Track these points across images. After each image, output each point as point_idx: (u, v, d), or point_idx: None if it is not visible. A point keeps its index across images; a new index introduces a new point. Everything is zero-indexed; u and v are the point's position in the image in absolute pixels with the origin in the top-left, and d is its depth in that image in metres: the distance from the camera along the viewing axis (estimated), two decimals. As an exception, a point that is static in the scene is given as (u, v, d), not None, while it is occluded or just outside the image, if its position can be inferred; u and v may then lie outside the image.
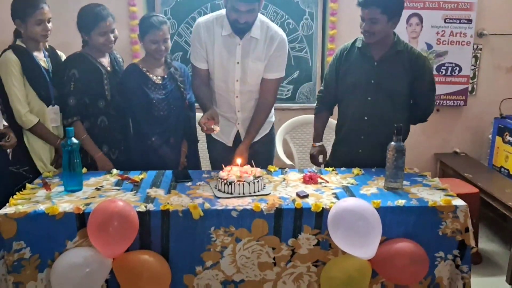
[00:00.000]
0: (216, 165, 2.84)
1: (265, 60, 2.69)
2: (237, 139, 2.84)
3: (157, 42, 2.63)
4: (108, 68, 2.74)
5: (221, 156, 2.80)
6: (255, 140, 2.83)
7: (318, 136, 2.91)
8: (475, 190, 3.38)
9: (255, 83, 2.74)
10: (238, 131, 2.84)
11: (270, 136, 2.96)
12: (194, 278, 2.11)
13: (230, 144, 2.86)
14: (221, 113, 2.76)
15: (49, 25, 2.61)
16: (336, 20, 4.13)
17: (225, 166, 2.37)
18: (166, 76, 2.74)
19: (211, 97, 2.78)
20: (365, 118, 2.67)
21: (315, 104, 2.98)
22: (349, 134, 2.76)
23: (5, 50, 2.59)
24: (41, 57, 2.67)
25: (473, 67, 4.23)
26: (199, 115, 2.67)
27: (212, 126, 2.52)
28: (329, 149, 2.96)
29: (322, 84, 2.93)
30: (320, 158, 2.86)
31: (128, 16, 3.94)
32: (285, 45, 2.73)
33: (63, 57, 2.79)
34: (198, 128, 2.70)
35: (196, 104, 2.90)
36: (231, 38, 2.65)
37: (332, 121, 3.97)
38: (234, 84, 2.70)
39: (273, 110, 2.92)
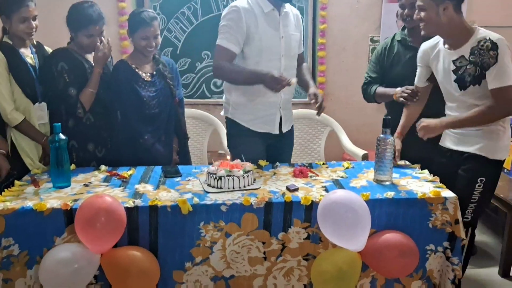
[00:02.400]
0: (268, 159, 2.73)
1: (298, 32, 2.82)
2: (280, 128, 2.81)
3: (148, 38, 2.61)
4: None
5: (262, 147, 2.75)
6: (285, 131, 2.83)
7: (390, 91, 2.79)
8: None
9: (295, 58, 2.83)
10: (281, 116, 2.79)
11: (292, 132, 2.98)
12: (183, 274, 2.10)
13: (276, 131, 2.79)
14: (264, 98, 2.70)
15: (34, 23, 2.57)
16: (326, 15, 4.14)
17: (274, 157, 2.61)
18: (155, 73, 2.72)
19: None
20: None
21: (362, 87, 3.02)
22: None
23: None
24: (27, 54, 2.63)
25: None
26: (188, 110, 2.64)
27: (291, 80, 2.48)
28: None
29: (368, 73, 2.98)
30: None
31: (117, 12, 3.93)
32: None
33: None
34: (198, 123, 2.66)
35: (186, 100, 2.87)
36: (272, 14, 2.66)
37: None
38: (280, 60, 2.69)
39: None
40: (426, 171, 2.45)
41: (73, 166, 2.43)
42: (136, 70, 2.67)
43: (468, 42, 2.32)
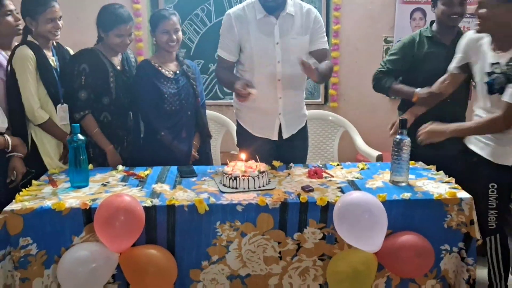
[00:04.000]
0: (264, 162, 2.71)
1: (306, 34, 2.66)
2: (280, 133, 2.77)
3: (168, 32, 2.66)
4: (118, 67, 2.76)
5: (266, 152, 2.69)
6: (294, 133, 2.80)
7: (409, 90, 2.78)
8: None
9: (298, 65, 2.61)
10: (280, 124, 2.75)
11: (305, 131, 2.92)
12: (200, 273, 2.12)
13: (274, 137, 2.78)
14: (260, 105, 2.70)
15: (60, 23, 2.63)
16: (340, 15, 4.13)
17: (272, 161, 2.55)
18: (178, 72, 2.78)
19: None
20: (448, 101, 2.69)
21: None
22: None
23: (17, 46, 2.61)
24: (49, 55, 2.69)
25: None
26: (209, 112, 2.67)
27: (249, 90, 2.44)
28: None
29: (387, 64, 2.95)
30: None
31: (132, 13, 3.90)
32: (321, 20, 2.74)
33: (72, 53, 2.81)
34: (211, 124, 2.69)
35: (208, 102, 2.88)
36: (266, 20, 2.62)
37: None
38: (276, 66, 2.65)
39: (304, 103, 2.89)
40: (441, 172, 2.44)
41: (91, 166, 2.46)
42: (159, 68, 2.73)
43: (510, 51, 2.29)
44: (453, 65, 2.59)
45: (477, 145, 2.46)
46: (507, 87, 2.24)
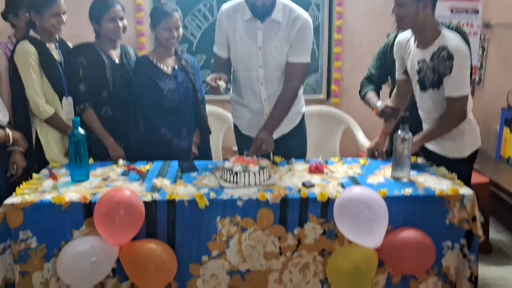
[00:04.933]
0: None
1: (287, 44, 2.57)
2: None
3: (170, 29, 2.65)
4: (116, 61, 2.75)
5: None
6: (285, 132, 2.75)
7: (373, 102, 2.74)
8: (485, 180, 3.36)
9: (280, 70, 2.63)
10: None
11: (301, 128, 2.86)
12: (200, 268, 2.12)
13: None
14: (248, 105, 2.73)
15: (64, 18, 2.65)
16: (342, 11, 4.12)
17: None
18: (177, 68, 2.76)
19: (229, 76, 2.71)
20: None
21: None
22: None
23: (19, 41, 2.61)
24: (53, 48, 2.70)
25: (480, 58, 4.20)
26: (210, 108, 2.66)
27: (218, 82, 2.43)
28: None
29: (370, 69, 2.95)
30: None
31: (134, 8, 3.95)
32: (308, 28, 2.58)
33: None
34: (212, 120, 2.67)
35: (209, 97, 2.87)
36: (252, 23, 2.57)
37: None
38: (258, 71, 2.62)
39: (303, 100, 2.83)
40: (443, 168, 2.43)
41: (91, 161, 2.46)
42: (157, 64, 2.71)
43: (432, 45, 2.34)
44: (396, 73, 2.61)
45: (432, 143, 2.51)
46: (444, 83, 2.30)
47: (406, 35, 2.50)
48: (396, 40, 2.56)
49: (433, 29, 2.34)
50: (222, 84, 2.44)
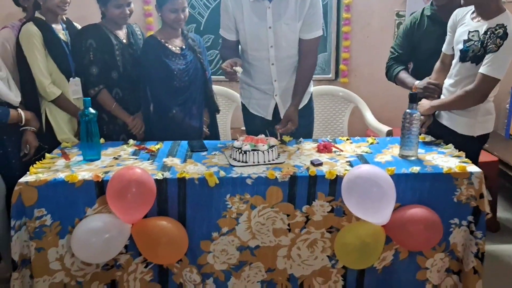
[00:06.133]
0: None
1: (299, 20, 2.56)
2: (276, 113, 2.77)
3: (177, 10, 2.63)
4: (124, 41, 2.76)
5: (260, 130, 2.64)
6: None
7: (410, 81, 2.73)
8: (494, 158, 3.36)
9: (292, 47, 2.64)
10: (276, 103, 2.76)
11: (309, 108, 2.87)
12: (210, 244, 2.16)
13: (269, 117, 2.80)
14: (256, 85, 2.74)
15: None
16: (351, -11, 4.08)
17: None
18: (184, 47, 2.76)
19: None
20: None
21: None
22: None
23: (24, 23, 2.62)
24: (59, 29, 2.70)
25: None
26: (219, 88, 2.65)
27: (234, 68, 2.45)
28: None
29: (395, 48, 2.91)
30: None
31: (141, -12, 3.94)
32: (318, 2, 2.59)
33: None
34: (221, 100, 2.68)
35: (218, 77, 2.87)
36: (259, 2, 2.55)
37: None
38: (269, 51, 2.62)
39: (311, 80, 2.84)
40: (451, 145, 2.44)
41: (102, 140, 2.49)
42: (166, 44, 2.71)
43: (492, 20, 2.30)
44: (445, 45, 2.58)
45: (444, 116, 2.52)
46: (485, 59, 2.27)
47: (464, 10, 2.46)
48: (456, 12, 2.51)
49: (497, 5, 2.31)
50: (238, 69, 2.46)
